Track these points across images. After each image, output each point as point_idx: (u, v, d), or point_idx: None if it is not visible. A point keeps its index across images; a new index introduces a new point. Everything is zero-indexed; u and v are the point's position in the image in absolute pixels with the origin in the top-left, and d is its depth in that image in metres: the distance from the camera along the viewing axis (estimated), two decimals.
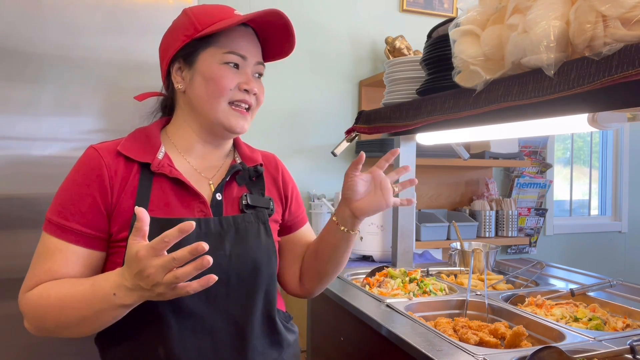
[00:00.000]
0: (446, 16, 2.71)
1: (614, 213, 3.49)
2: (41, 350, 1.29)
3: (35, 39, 1.29)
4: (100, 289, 0.85)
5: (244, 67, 1.03)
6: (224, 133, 1.05)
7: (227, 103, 1.01)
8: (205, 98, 1.01)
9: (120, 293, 0.83)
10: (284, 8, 1.08)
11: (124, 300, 0.83)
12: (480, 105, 1.12)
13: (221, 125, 1.02)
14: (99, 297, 0.85)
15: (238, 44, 1.02)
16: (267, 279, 1.01)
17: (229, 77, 1.00)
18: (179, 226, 0.76)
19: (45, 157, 1.31)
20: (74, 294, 0.87)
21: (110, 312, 0.86)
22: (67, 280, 0.90)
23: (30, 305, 0.90)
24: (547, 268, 1.92)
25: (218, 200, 1.02)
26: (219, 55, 1.00)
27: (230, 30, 1.02)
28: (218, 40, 1.01)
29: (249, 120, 1.05)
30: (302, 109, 2.48)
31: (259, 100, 1.06)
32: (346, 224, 1.09)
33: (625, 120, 1.08)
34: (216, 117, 1.01)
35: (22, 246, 1.25)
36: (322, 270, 1.15)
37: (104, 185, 0.95)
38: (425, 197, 2.72)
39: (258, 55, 1.06)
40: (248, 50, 1.03)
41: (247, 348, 0.97)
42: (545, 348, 0.99)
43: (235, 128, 1.03)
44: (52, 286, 0.90)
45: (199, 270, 0.77)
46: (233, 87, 1.01)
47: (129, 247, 0.79)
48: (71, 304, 0.87)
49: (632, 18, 0.78)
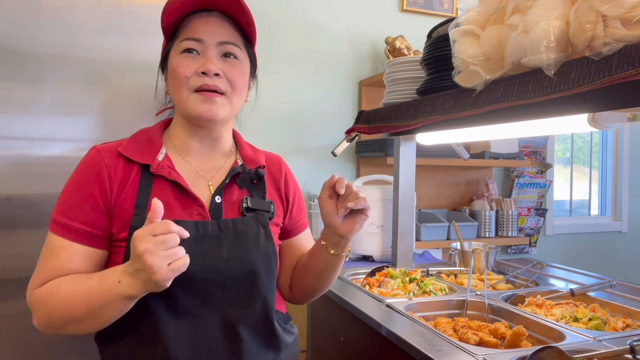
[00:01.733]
0: (446, 16, 2.71)
1: (614, 213, 3.49)
2: (41, 350, 1.29)
3: (35, 39, 1.29)
4: (106, 279, 0.87)
5: (204, 50, 0.99)
6: (199, 122, 1.02)
7: (189, 91, 0.99)
8: (173, 92, 1.02)
9: (124, 280, 0.84)
10: (284, 8, 1.08)
11: (128, 289, 0.84)
12: (480, 105, 1.12)
13: (189, 113, 1.00)
14: (105, 287, 0.86)
15: (192, 29, 1.00)
16: (266, 282, 1.00)
17: (183, 65, 0.98)
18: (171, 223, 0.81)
19: (45, 157, 1.31)
20: (82, 288, 0.89)
21: (116, 304, 0.86)
22: (76, 276, 0.92)
23: (39, 301, 0.92)
24: (547, 268, 1.92)
25: (217, 203, 1.01)
26: (178, 46, 1.01)
27: (189, 19, 1.01)
28: (179, 33, 1.02)
29: (221, 104, 1.00)
30: (302, 109, 2.48)
31: (232, 83, 1.01)
32: (337, 248, 1.08)
33: (625, 120, 1.08)
34: (185, 107, 1.00)
35: (22, 246, 1.25)
36: (311, 286, 1.15)
37: (104, 186, 0.95)
38: (425, 197, 2.72)
39: (221, 36, 1.00)
40: (205, 32, 0.99)
41: (242, 350, 0.97)
42: (545, 348, 0.99)
43: (201, 113, 0.98)
44: (61, 283, 0.91)
45: (182, 235, 0.82)
46: (190, 73, 0.98)
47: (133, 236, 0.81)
48: (79, 299, 0.88)
49: (632, 18, 0.78)
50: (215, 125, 1.04)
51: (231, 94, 1.02)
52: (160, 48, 1.09)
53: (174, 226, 0.81)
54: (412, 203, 1.90)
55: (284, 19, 2.41)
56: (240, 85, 1.03)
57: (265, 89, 1.10)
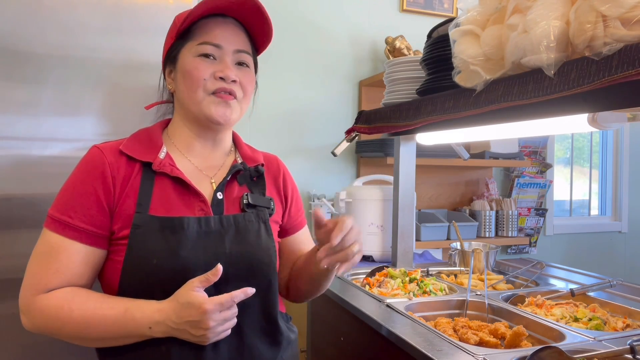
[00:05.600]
0: (446, 16, 2.71)
1: (614, 213, 3.49)
2: (41, 350, 1.29)
3: (36, 39, 1.29)
4: (134, 321, 0.89)
5: (222, 56, 1.01)
6: (210, 124, 1.04)
7: (205, 93, 1.00)
8: (185, 92, 1.02)
9: (158, 329, 0.89)
10: (285, 8, 1.08)
11: (158, 334, 0.89)
12: (480, 105, 1.12)
13: (203, 115, 1.01)
14: (131, 327, 0.89)
15: (212, 34, 1.01)
16: (268, 277, 1.01)
17: (202, 68, 0.99)
18: (242, 290, 0.89)
19: (45, 157, 1.31)
20: (103, 316, 0.90)
21: (137, 338, 0.91)
22: (91, 296, 0.92)
23: (44, 313, 0.91)
24: (547, 268, 1.92)
25: (219, 199, 1.02)
26: (194, 48, 1.01)
27: (206, 22, 1.02)
28: (194, 35, 1.02)
29: (234, 108, 1.03)
30: (302, 109, 2.48)
31: (244, 89, 1.04)
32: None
33: (625, 120, 1.08)
34: (198, 108, 1.01)
35: (22, 246, 1.25)
36: (305, 289, 1.16)
37: (107, 183, 0.95)
38: (425, 197, 2.72)
39: (238, 44, 1.03)
40: (224, 38, 1.01)
41: (245, 346, 0.98)
42: (545, 348, 0.99)
43: (216, 117, 1.00)
44: (73, 299, 0.91)
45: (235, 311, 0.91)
46: (207, 76, 0.99)
47: (192, 296, 0.86)
48: (97, 325, 0.90)
49: (632, 18, 0.78)
50: (224, 128, 1.07)
51: (242, 99, 1.05)
52: (161, 48, 1.09)
53: (237, 298, 0.89)
54: (412, 203, 1.90)
55: (284, 19, 2.41)
56: (250, 92, 1.06)
57: (265, 89, 1.10)
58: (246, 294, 0.90)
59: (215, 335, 0.89)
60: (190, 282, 0.88)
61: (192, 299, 0.86)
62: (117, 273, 0.94)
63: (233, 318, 0.91)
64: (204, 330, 0.87)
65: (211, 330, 0.87)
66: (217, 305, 0.86)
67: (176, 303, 0.88)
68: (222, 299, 0.87)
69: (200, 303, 0.86)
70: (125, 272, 0.93)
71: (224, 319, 0.88)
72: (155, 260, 0.92)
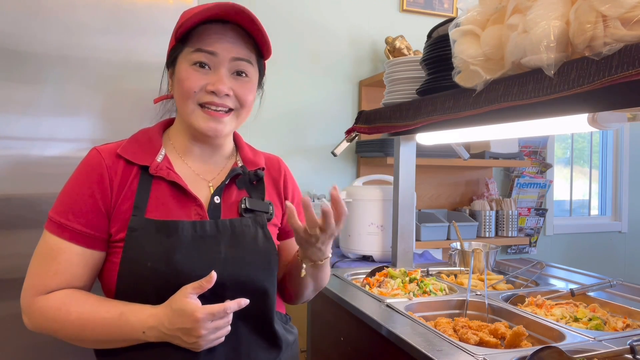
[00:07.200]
0: (446, 16, 2.71)
1: (614, 213, 3.49)
2: (41, 350, 1.29)
3: (35, 39, 1.29)
4: (128, 325, 0.89)
5: (216, 65, 0.97)
6: (201, 136, 1.02)
7: (196, 105, 0.98)
8: (179, 101, 1.01)
9: (151, 333, 0.89)
10: (285, 8, 1.08)
11: (152, 339, 0.90)
12: (480, 105, 1.12)
13: (193, 127, 1.00)
14: (125, 330, 0.90)
15: (207, 41, 0.97)
16: (264, 282, 1.00)
17: (193, 79, 0.96)
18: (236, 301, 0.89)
19: (45, 157, 1.31)
20: (100, 318, 0.90)
21: (131, 342, 0.91)
22: (89, 299, 0.93)
23: (44, 314, 0.92)
24: (547, 268, 1.92)
25: (216, 204, 1.01)
26: (189, 56, 0.98)
27: (204, 28, 0.97)
28: (191, 40, 0.98)
29: (226, 122, 1.00)
30: (302, 109, 2.48)
31: (241, 100, 1.00)
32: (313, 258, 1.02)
33: (625, 120, 1.08)
34: (188, 119, 1.00)
35: (22, 246, 1.25)
36: (294, 291, 1.15)
37: (105, 186, 0.95)
38: (425, 197, 2.72)
39: (235, 51, 0.98)
40: (220, 46, 0.97)
41: (241, 350, 0.97)
42: (545, 348, 0.99)
43: (206, 131, 0.98)
44: (71, 301, 0.92)
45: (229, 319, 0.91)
46: (198, 89, 0.96)
47: (185, 303, 0.86)
48: (93, 328, 0.90)
49: (632, 18, 0.78)
50: (217, 139, 1.05)
51: (239, 109, 1.02)
52: (161, 48, 1.08)
53: (230, 309, 0.88)
54: (412, 203, 1.90)
55: (284, 19, 2.41)
56: (249, 102, 1.03)
57: (266, 89, 1.09)
58: (240, 305, 0.89)
59: (208, 343, 0.89)
60: (184, 289, 0.88)
61: (185, 306, 0.86)
62: (114, 275, 0.94)
63: (226, 326, 0.91)
64: (196, 338, 0.87)
65: (203, 338, 0.87)
66: (208, 315, 0.86)
67: (169, 309, 0.88)
68: (214, 309, 0.86)
69: (192, 311, 0.85)
70: (121, 274, 0.94)
71: (216, 327, 0.88)
72: (150, 263, 0.92)
